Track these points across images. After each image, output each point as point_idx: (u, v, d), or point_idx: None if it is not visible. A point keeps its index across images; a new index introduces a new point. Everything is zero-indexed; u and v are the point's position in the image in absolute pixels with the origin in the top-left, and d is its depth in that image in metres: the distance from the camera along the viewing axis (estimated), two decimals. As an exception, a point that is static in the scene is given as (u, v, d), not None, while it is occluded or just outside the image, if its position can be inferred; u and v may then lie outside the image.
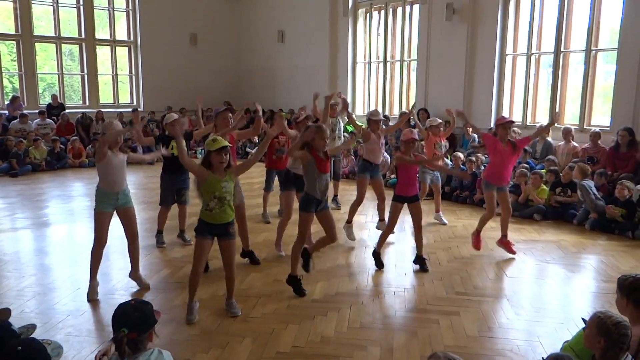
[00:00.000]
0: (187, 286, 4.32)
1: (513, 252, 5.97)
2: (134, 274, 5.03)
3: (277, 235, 5.93)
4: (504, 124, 5.71)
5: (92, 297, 4.72)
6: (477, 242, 6.02)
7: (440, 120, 7.43)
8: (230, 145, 4.17)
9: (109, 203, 4.72)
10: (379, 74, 13.22)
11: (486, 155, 8.00)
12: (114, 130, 4.71)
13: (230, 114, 5.56)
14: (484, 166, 8.16)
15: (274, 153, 6.77)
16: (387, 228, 5.63)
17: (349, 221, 6.58)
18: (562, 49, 9.45)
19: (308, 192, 4.65)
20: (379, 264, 5.51)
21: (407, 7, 12.24)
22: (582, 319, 3.10)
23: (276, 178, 7.00)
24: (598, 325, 2.67)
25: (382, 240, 5.61)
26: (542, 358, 3.26)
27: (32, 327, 3.58)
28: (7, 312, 3.84)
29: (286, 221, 5.86)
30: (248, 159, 4.39)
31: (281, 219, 5.94)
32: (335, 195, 8.39)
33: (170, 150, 5.86)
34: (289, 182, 5.80)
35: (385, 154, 7.21)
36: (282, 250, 5.84)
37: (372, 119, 6.55)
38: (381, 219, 6.73)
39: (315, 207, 4.68)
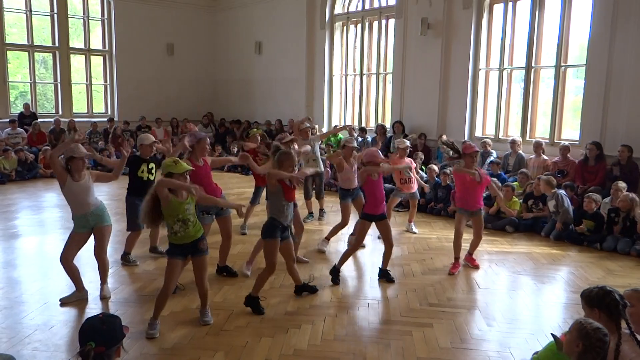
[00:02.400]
0: (154, 304, 4.26)
1: (477, 267, 6.08)
2: (101, 286, 5.04)
3: (252, 252, 5.74)
4: (471, 154, 5.84)
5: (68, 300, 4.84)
6: (454, 266, 5.95)
7: (407, 143, 7.54)
8: (192, 169, 4.16)
9: (81, 225, 4.78)
10: (355, 86, 13.35)
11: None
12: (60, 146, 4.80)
13: (208, 140, 5.50)
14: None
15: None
16: (353, 246, 5.62)
17: (327, 238, 6.63)
18: (533, 65, 9.69)
19: (273, 217, 4.63)
20: (336, 280, 5.46)
21: (383, 21, 12.41)
22: (552, 334, 3.15)
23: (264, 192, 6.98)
24: (578, 329, 2.73)
25: (345, 258, 5.58)
26: None
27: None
28: None
29: None
30: (210, 198, 4.62)
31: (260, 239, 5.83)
32: (321, 209, 8.42)
33: (140, 174, 5.76)
34: None
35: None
36: (250, 269, 5.68)
37: (347, 145, 6.55)
38: (353, 234, 6.75)
39: (281, 233, 4.66)
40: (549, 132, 9.56)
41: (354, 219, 6.73)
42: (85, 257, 5.50)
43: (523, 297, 5.27)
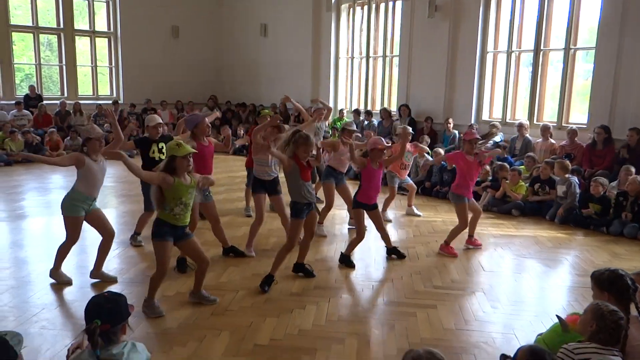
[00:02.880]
0: (149, 285, 4.23)
1: (479, 245, 6.18)
2: (97, 273, 4.94)
3: (249, 236, 5.79)
4: (471, 140, 5.86)
5: (65, 280, 4.84)
6: (451, 250, 5.93)
7: (409, 130, 7.48)
8: (195, 151, 4.13)
9: (83, 208, 4.71)
10: (362, 69, 13.24)
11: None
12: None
13: (207, 120, 5.53)
14: None
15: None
16: (357, 236, 5.50)
17: (320, 222, 6.54)
18: (541, 47, 9.56)
19: (296, 201, 4.65)
20: (350, 263, 5.44)
21: (390, 3, 12.26)
22: (557, 316, 3.15)
23: None
24: (594, 310, 2.75)
25: (351, 247, 5.54)
26: None
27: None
28: None
29: (258, 224, 5.75)
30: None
31: (253, 222, 5.79)
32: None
33: (151, 155, 5.73)
34: (257, 185, 5.72)
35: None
36: (252, 251, 5.73)
37: (346, 129, 6.49)
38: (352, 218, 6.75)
39: (308, 210, 4.70)
40: (557, 115, 9.48)
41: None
42: (87, 239, 5.52)
43: (528, 279, 5.27)
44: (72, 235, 4.78)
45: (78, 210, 4.69)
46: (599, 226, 6.96)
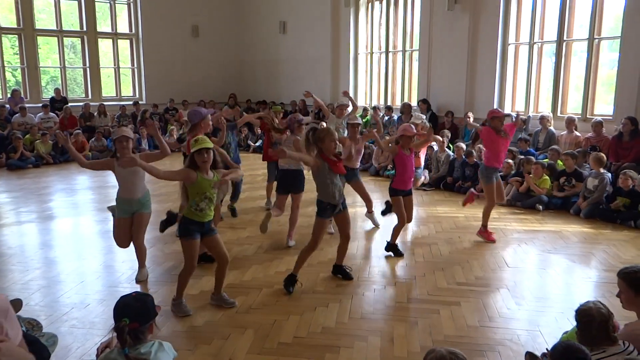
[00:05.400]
0: (178, 283, 4.31)
1: (493, 241, 6.15)
2: (139, 269, 5.06)
3: (290, 226, 6.02)
4: (500, 117, 5.94)
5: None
6: (489, 235, 6.15)
7: (423, 117, 7.51)
8: (212, 146, 4.17)
9: (124, 210, 4.79)
10: (381, 64, 13.19)
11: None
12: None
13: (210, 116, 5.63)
14: None
15: (270, 146, 6.81)
16: (398, 223, 5.62)
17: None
18: (564, 38, 9.39)
19: (320, 200, 4.60)
20: (398, 252, 5.64)
21: (409, -3, 12.18)
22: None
23: None
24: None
25: (395, 235, 5.66)
26: (546, 349, 3.27)
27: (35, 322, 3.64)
28: (18, 303, 3.91)
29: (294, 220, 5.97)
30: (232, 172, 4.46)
31: (291, 215, 5.98)
32: None
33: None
34: (284, 183, 5.90)
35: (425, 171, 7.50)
36: (292, 241, 5.95)
37: (350, 124, 6.31)
38: (369, 211, 6.80)
39: (332, 211, 4.64)
40: (582, 107, 9.30)
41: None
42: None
43: (553, 275, 5.20)
44: (116, 238, 4.91)
45: (119, 211, 4.80)
46: (626, 220, 6.82)
